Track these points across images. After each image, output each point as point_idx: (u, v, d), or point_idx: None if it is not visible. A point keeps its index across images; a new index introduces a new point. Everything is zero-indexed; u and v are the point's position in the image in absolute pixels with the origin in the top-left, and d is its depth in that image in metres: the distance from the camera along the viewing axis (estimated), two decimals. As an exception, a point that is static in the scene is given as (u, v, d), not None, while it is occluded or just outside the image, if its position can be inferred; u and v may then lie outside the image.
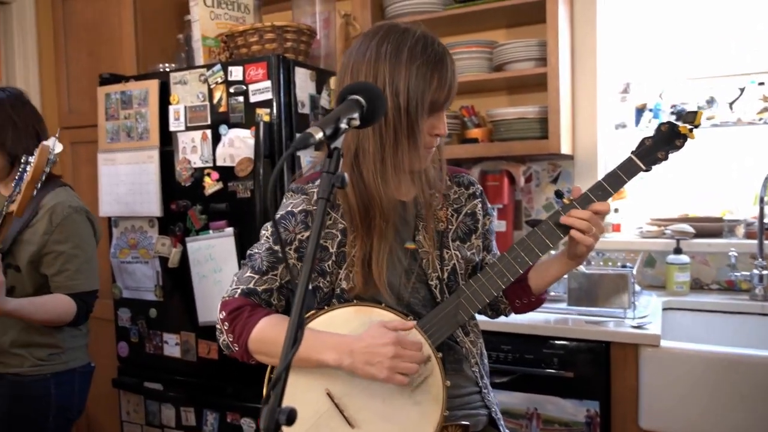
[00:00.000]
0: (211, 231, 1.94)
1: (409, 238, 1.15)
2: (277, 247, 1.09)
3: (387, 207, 1.08)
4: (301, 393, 1.06)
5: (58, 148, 1.35)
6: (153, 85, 2.00)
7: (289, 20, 2.14)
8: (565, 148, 2.02)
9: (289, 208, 1.12)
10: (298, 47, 1.98)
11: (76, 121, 2.49)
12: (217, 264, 1.93)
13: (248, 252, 1.14)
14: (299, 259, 1.11)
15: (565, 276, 1.84)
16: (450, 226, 1.18)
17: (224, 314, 1.07)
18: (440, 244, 1.16)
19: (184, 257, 2.00)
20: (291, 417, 0.74)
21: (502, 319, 1.34)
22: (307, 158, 1.90)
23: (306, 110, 1.92)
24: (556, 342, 1.68)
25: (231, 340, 1.07)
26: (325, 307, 1.10)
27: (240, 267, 1.13)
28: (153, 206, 2.02)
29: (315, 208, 1.11)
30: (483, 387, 1.19)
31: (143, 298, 2.12)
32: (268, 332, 1.04)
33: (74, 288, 1.55)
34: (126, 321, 2.18)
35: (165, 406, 2.12)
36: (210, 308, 1.96)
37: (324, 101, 2.00)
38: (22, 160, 1.33)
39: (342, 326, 1.07)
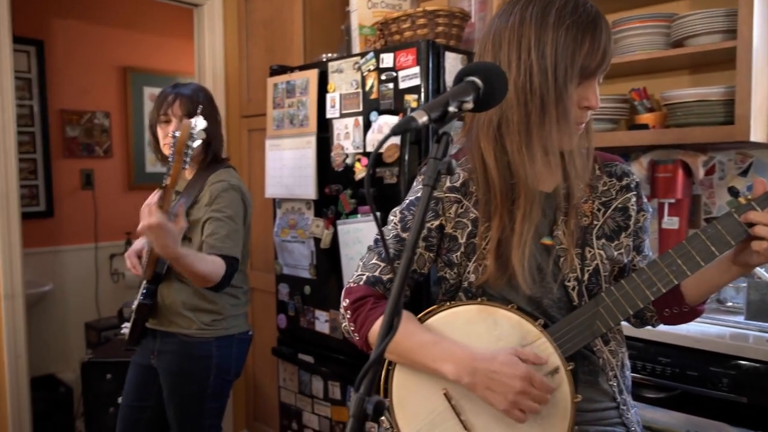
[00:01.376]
0: (359, 215, 2.00)
1: (546, 232, 1.05)
2: (404, 235, 1.07)
3: (532, 188, 1.00)
4: (416, 389, 1.04)
5: (201, 124, 1.48)
6: (313, 75, 2.10)
7: (444, 5, 2.10)
8: (757, 135, 1.72)
9: (419, 194, 1.09)
10: (449, 32, 1.94)
11: (253, 110, 2.72)
12: (363, 247, 1.98)
13: (375, 237, 1.13)
14: (427, 249, 1.08)
15: (744, 284, 1.58)
16: (595, 222, 1.06)
17: (347, 302, 1.07)
18: (582, 241, 1.04)
19: (335, 239, 2.09)
20: (379, 409, 0.73)
21: (661, 327, 1.18)
22: (453, 146, 1.86)
23: (455, 96, 1.88)
24: (729, 361, 1.44)
25: (352, 329, 1.07)
26: (448, 303, 1.06)
27: (367, 253, 1.13)
28: (309, 189, 2.13)
29: (446, 195, 1.07)
30: (621, 402, 1.06)
31: (300, 276, 2.26)
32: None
33: (223, 250, 1.68)
34: (285, 295, 2.35)
35: (315, 378, 2.25)
36: (356, 290, 2.02)
37: (475, 86, 1.93)
38: (170, 136, 1.48)
39: (462, 327, 1.01)
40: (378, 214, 1.87)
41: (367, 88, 1.95)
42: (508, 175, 1.01)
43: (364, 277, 1.09)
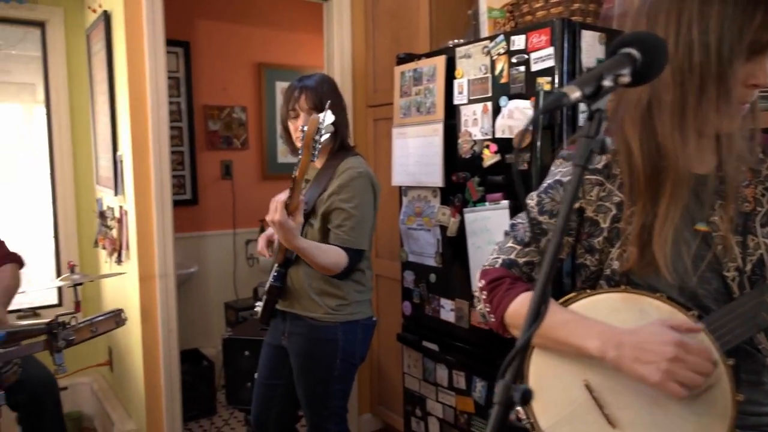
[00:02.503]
0: (487, 203, 1.96)
1: (701, 218, 0.96)
2: (542, 218, 1.04)
3: (682, 171, 0.92)
4: (555, 378, 0.99)
5: (329, 119, 1.52)
6: (440, 61, 2.09)
7: (580, -19, 1.98)
8: None
9: (557, 177, 1.04)
10: (586, 8, 1.83)
11: (379, 99, 2.76)
12: (491, 236, 1.94)
13: (511, 221, 1.11)
14: (566, 233, 1.04)
15: None
16: (759, 208, 0.96)
17: (483, 283, 1.06)
18: (743, 228, 0.95)
19: (462, 227, 2.07)
20: (526, 396, 0.70)
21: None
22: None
23: (592, 77, 1.77)
24: None
25: (488, 310, 1.06)
26: (588, 290, 1.01)
27: (503, 237, 1.11)
28: (436, 177, 2.13)
29: (587, 177, 1.02)
30: (792, 410, 0.95)
31: (425, 263, 2.27)
32: (526, 309, 1.00)
33: (347, 243, 1.74)
34: (410, 283, 2.37)
35: (439, 366, 2.25)
36: (483, 279, 1.99)
37: (614, 66, 1.81)
38: (300, 129, 1.54)
39: (607, 315, 0.96)
40: (507, 202, 1.82)
41: (497, 72, 1.90)
42: (656, 158, 0.94)
43: (500, 260, 1.07)
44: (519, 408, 1.08)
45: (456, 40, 2.23)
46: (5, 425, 2.52)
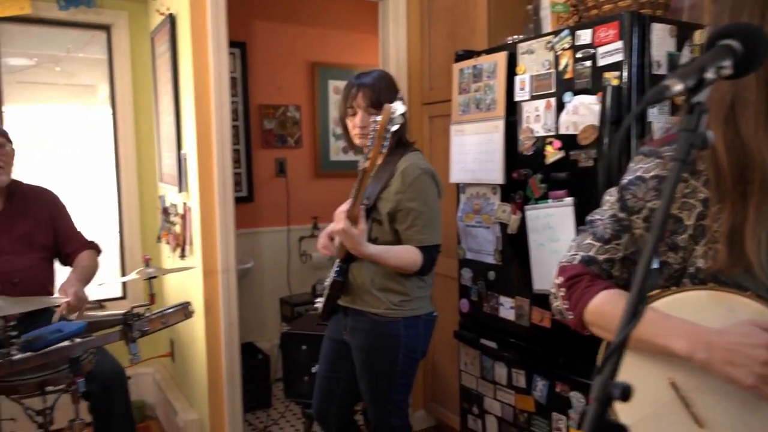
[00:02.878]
0: (550, 200, 1.94)
1: None
2: (622, 215, 1.02)
3: None
4: (639, 376, 0.98)
5: (401, 109, 1.53)
6: (501, 58, 2.08)
7: (647, -27, 1.94)
8: None
9: (639, 173, 1.03)
10: (656, 1, 1.79)
11: (434, 97, 2.77)
12: (554, 233, 1.92)
13: (588, 218, 1.09)
14: (647, 230, 1.02)
15: None
16: None
17: (561, 280, 1.06)
18: None
19: (523, 224, 2.05)
20: (626, 393, 0.69)
21: None
22: (660, 125, 1.72)
23: (662, 71, 1.73)
24: None
25: (566, 307, 1.05)
26: (672, 287, 0.99)
27: (578, 233, 1.10)
28: (496, 174, 2.11)
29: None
30: None
31: (484, 261, 2.26)
32: (608, 306, 0.98)
33: (421, 241, 1.76)
34: (468, 280, 2.37)
35: (498, 364, 2.24)
36: (545, 276, 1.97)
37: (685, 59, 1.77)
38: (371, 121, 1.55)
39: (693, 313, 0.94)
40: (571, 199, 1.80)
41: (561, 67, 1.88)
42: (741, 157, 0.91)
43: (579, 257, 1.06)
44: (585, 407, 1.07)
45: (516, 36, 2.21)
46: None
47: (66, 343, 1.61)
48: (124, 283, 3.35)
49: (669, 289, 0.99)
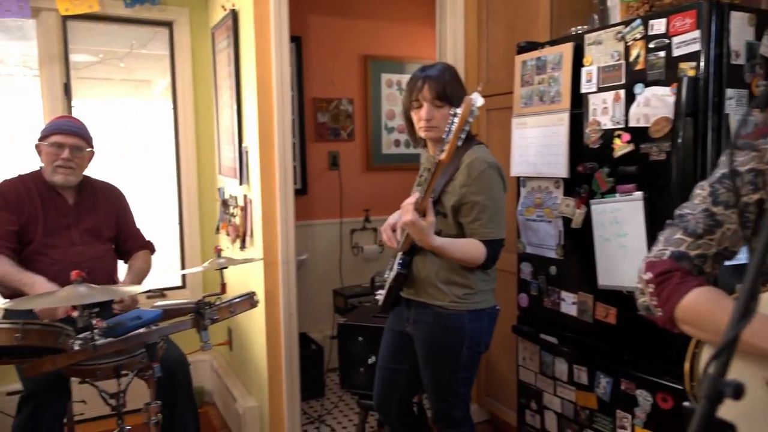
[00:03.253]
0: (617, 194, 1.90)
1: None
2: (716, 209, 1.00)
3: None
4: (733, 375, 0.96)
5: (480, 101, 1.51)
6: (567, 49, 2.04)
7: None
8: None
9: (733, 167, 1.00)
10: (735, -12, 1.72)
11: (491, 90, 2.74)
12: (622, 228, 1.88)
13: (677, 212, 1.07)
14: (742, 225, 0.99)
15: None
16: None
17: (650, 276, 1.04)
18: None
19: (587, 219, 2.02)
20: (738, 391, 0.68)
21: None
22: (737, 117, 1.66)
23: (740, 61, 1.67)
24: None
25: (655, 303, 1.03)
26: (768, 284, 0.96)
27: (665, 228, 1.08)
28: (560, 168, 2.08)
29: (768, 167, 0.97)
30: None
31: (545, 255, 2.23)
32: (702, 304, 0.96)
33: (485, 235, 1.75)
34: (527, 275, 2.34)
35: (558, 360, 2.21)
36: (611, 272, 1.93)
37: (765, 48, 1.70)
38: (450, 113, 1.53)
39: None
40: (641, 193, 1.76)
41: (632, 58, 1.83)
42: None
43: (668, 252, 1.04)
44: (686, 404, 1.05)
45: (580, 27, 2.17)
46: (140, 398, 2.74)
47: (143, 330, 1.67)
48: (183, 273, 3.45)
49: (765, 286, 0.96)
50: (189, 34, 3.26)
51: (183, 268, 3.46)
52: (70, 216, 2.33)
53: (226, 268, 1.85)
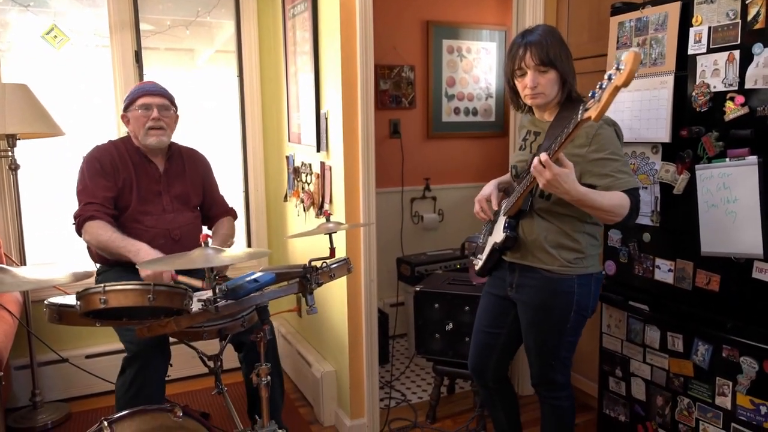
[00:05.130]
0: (728, 159, 1.85)
1: None
2: None
3: None
4: None
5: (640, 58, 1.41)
6: (673, 9, 1.97)
7: None
8: None
9: None
10: None
11: (574, 54, 2.65)
12: (731, 194, 1.84)
13: None
14: None
15: None
16: None
17: None
18: None
19: (689, 185, 1.97)
20: None
21: None
22: None
23: None
24: None
25: None
26: None
27: None
28: (661, 132, 2.04)
29: None
30: None
31: (638, 222, 2.20)
32: None
33: (620, 186, 1.70)
34: (616, 242, 2.32)
35: (649, 327, 2.20)
36: (717, 239, 1.90)
37: None
38: (612, 68, 1.45)
39: None
40: (755, 158, 1.70)
41: (750, 16, 1.76)
42: None
43: None
44: None
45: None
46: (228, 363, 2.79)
47: (257, 292, 1.69)
48: (249, 241, 3.49)
49: None
50: (256, 0, 3.23)
51: (248, 236, 3.50)
52: (161, 183, 2.36)
53: (334, 232, 1.86)
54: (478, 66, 4.03)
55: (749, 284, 1.84)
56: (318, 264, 1.82)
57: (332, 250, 1.85)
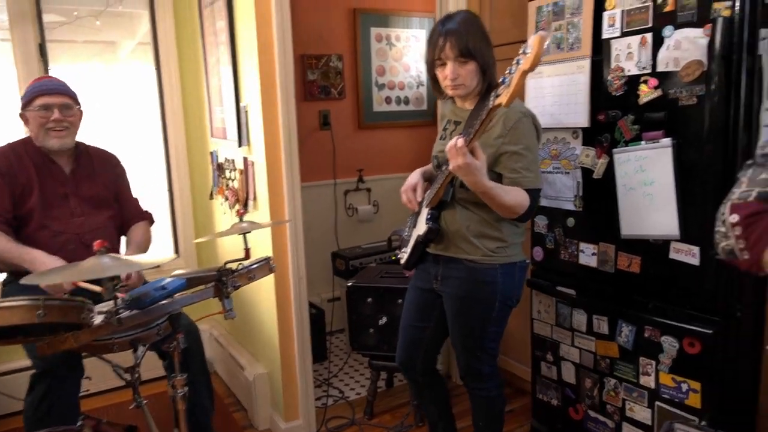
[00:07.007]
0: (643, 141, 1.87)
1: None
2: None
3: None
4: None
5: (548, 39, 1.40)
6: (587, -8, 1.97)
7: None
8: None
9: None
10: (768, -77, 1.66)
11: (496, 39, 2.61)
12: (648, 176, 1.86)
13: (760, 152, 1.04)
14: None
15: None
16: None
17: (737, 218, 1.00)
18: None
19: (608, 169, 1.99)
20: None
21: None
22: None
23: (774, -1, 1.63)
24: None
25: (741, 246, 1.00)
26: None
27: (745, 169, 1.04)
28: (580, 117, 2.04)
29: None
30: None
31: (562, 208, 2.21)
32: None
33: (527, 184, 1.70)
34: (543, 228, 2.32)
35: (576, 311, 2.22)
36: (636, 221, 1.92)
37: (796, -14, 1.66)
38: (520, 52, 1.42)
39: None
40: (669, 140, 1.72)
41: (660, 0, 1.77)
42: None
43: (755, 193, 1.00)
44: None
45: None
46: (150, 369, 2.65)
47: (166, 300, 1.59)
48: (176, 242, 3.34)
49: None
50: (170, -12, 3.06)
51: (175, 236, 3.34)
52: (68, 185, 2.19)
53: (248, 232, 1.77)
54: (408, 54, 3.98)
55: (667, 265, 1.87)
56: (234, 266, 1.73)
57: (247, 250, 1.76)
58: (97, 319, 1.51)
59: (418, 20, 3.98)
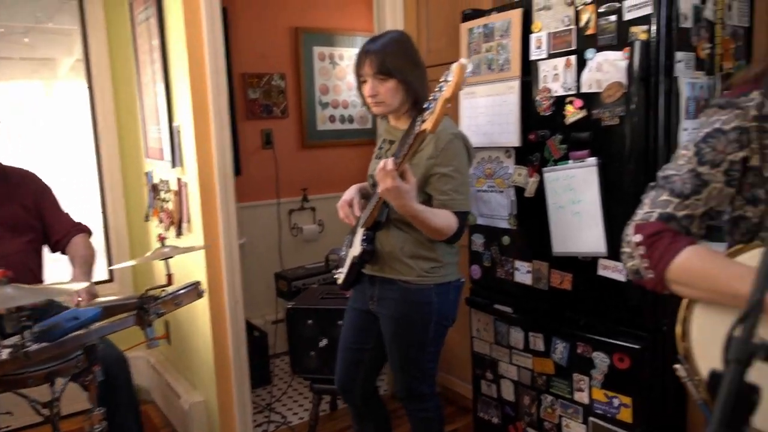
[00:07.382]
0: (570, 161, 1.90)
1: None
2: (702, 169, 0.99)
3: None
4: (722, 334, 0.96)
5: (469, 67, 1.43)
6: (515, 15, 2.01)
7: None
8: None
9: (717, 126, 0.99)
10: (680, -49, 1.73)
11: (433, 60, 2.67)
12: (575, 195, 1.89)
13: (661, 174, 1.05)
14: (728, 184, 0.99)
15: None
16: None
17: (641, 237, 1.02)
18: None
19: (540, 188, 2.01)
20: (770, 352, 0.66)
21: None
22: (686, 80, 1.69)
23: (688, 24, 1.69)
24: None
25: (645, 265, 1.02)
26: (756, 242, 0.97)
27: (649, 190, 1.06)
28: (512, 136, 2.06)
29: (752, 124, 0.96)
30: None
31: (497, 226, 2.22)
32: (696, 263, 0.95)
33: (455, 207, 1.71)
34: (479, 246, 2.33)
35: (513, 329, 2.23)
36: (566, 239, 1.95)
37: (708, 12, 1.73)
38: (441, 79, 1.43)
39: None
40: (594, 159, 1.76)
41: (582, 23, 1.82)
42: None
43: (656, 214, 1.02)
44: (678, 366, 1.05)
45: (525, -7, 2.14)
46: (74, 401, 2.52)
47: (81, 331, 1.51)
48: (109, 262, 3.21)
49: (752, 243, 0.96)
50: (102, 5, 2.97)
51: (109, 260, 3.21)
52: (-20, 209, 2.08)
53: (171, 257, 1.70)
54: (351, 73, 3.97)
55: (596, 282, 1.90)
56: (156, 293, 1.66)
57: (169, 276, 1.69)
58: (3, 354, 1.41)
59: (362, 39, 3.99)
